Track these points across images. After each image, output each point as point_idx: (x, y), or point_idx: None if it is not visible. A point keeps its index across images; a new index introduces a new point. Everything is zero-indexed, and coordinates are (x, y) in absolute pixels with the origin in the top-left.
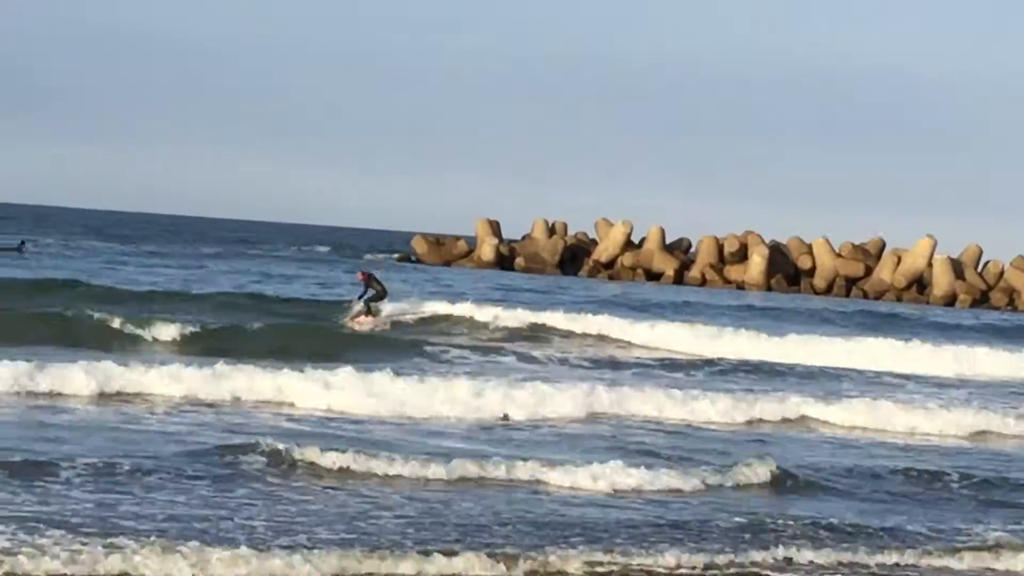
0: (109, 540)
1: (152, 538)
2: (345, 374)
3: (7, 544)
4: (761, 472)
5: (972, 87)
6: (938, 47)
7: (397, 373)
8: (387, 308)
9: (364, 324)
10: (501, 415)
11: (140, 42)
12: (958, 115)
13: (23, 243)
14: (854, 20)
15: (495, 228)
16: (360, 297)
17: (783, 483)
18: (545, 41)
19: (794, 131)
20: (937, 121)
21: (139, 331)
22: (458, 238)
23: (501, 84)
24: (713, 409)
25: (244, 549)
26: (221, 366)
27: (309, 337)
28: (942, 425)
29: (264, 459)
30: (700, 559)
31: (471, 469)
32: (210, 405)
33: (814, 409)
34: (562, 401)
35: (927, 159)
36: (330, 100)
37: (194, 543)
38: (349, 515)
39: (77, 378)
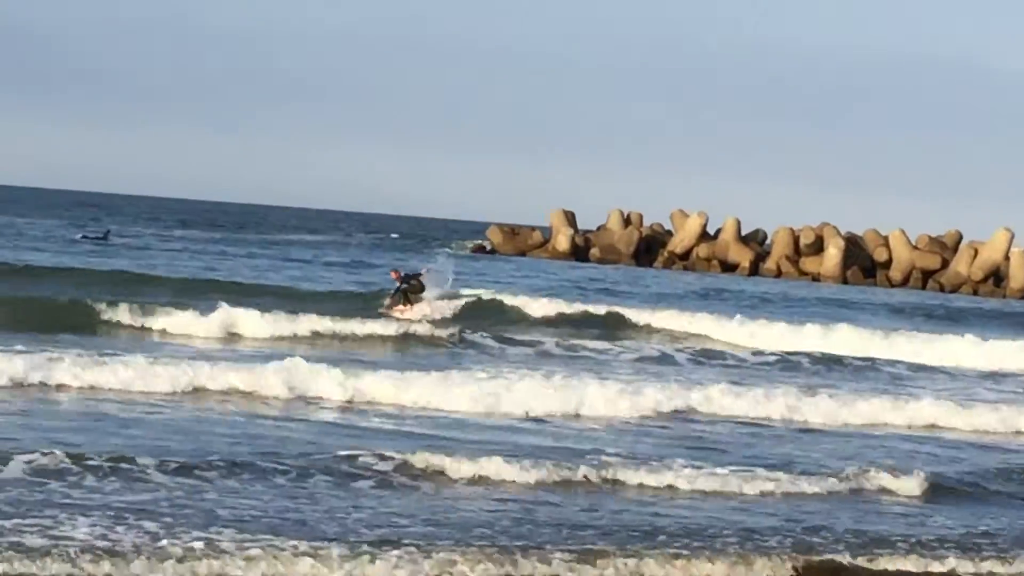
0: None
1: None
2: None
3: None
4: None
5: None
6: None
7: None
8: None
9: (407, 312)
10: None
11: (215, 30)
12: None
13: (108, 232)
14: (941, 10)
15: (570, 219)
16: (394, 292)
17: (936, 491)
18: (618, 29)
19: (872, 122)
20: (1018, 113)
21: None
22: (533, 228)
23: (578, 75)
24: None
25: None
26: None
27: None
28: None
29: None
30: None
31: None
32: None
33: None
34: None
35: (1006, 151)
36: (406, 88)
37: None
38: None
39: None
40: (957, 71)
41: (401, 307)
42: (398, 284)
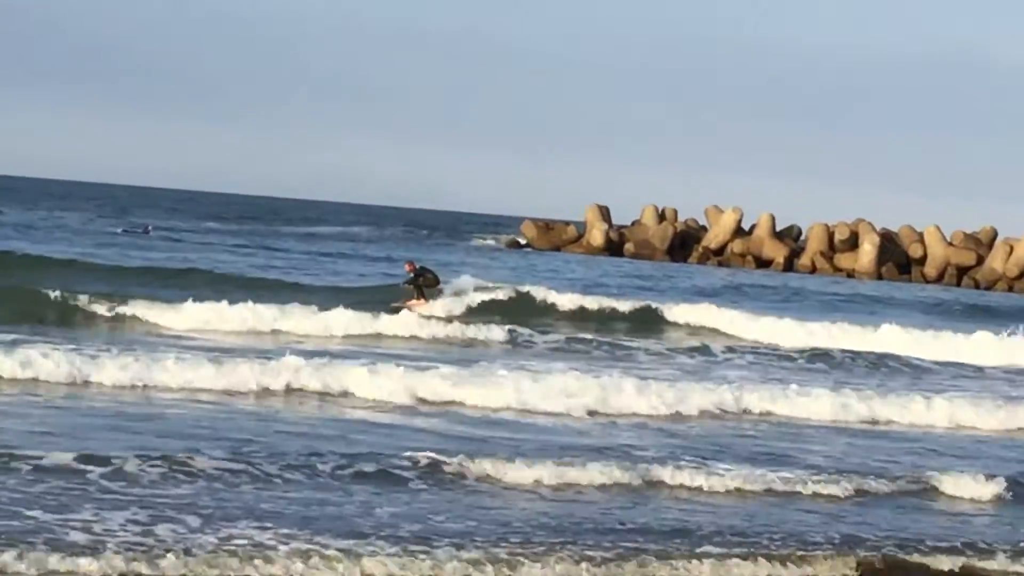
0: None
1: None
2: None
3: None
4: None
5: None
6: None
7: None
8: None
9: (421, 308)
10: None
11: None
12: None
13: (148, 227)
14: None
15: (605, 214)
16: (406, 282)
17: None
18: (650, 26)
19: (906, 118)
20: None
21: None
22: (567, 223)
23: (612, 73)
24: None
25: None
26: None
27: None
28: None
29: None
30: None
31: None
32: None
33: None
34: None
35: None
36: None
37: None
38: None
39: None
40: (992, 67)
41: (415, 301)
42: (412, 276)
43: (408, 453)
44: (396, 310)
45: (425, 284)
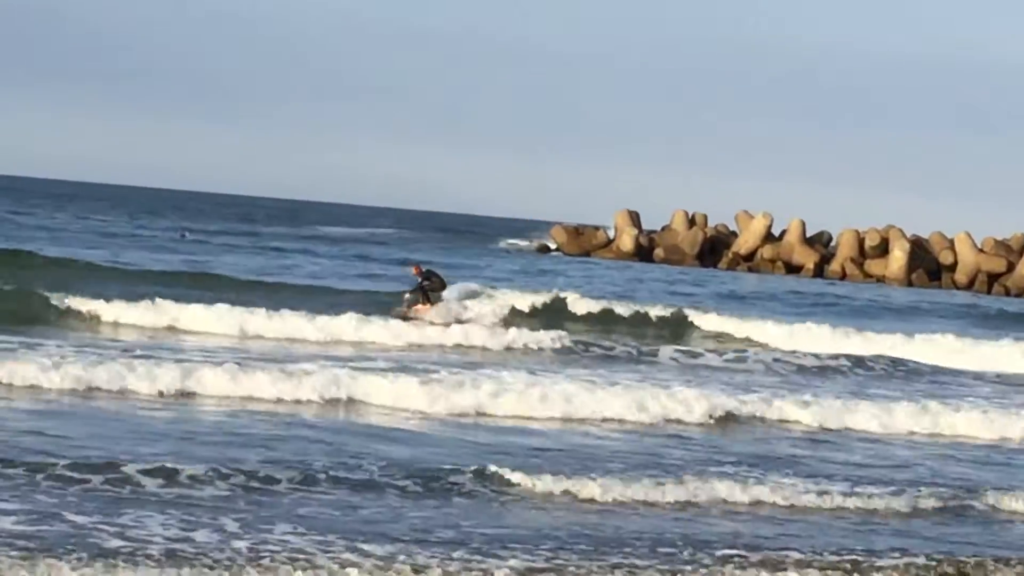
0: None
1: None
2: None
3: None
4: None
5: None
6: None
7: None
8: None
9: (427, 314)
10: None
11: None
12: None
13: (184, 231)
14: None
15: (635, 219)
16: (413, 289)
17: None
18: (682, 28)
19: (938, 122)
20: None
21: None
22: (597, 228)
23: (641, 76)
24: None
25: None
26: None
27: None
28: None
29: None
30: None
31: None
32: None
33: None
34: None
35: None
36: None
37: None
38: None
39: None
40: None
41: (420, 306)
42: (418, 280)
43: (474, 467)
44: (403, 316)
45: (431, 289)
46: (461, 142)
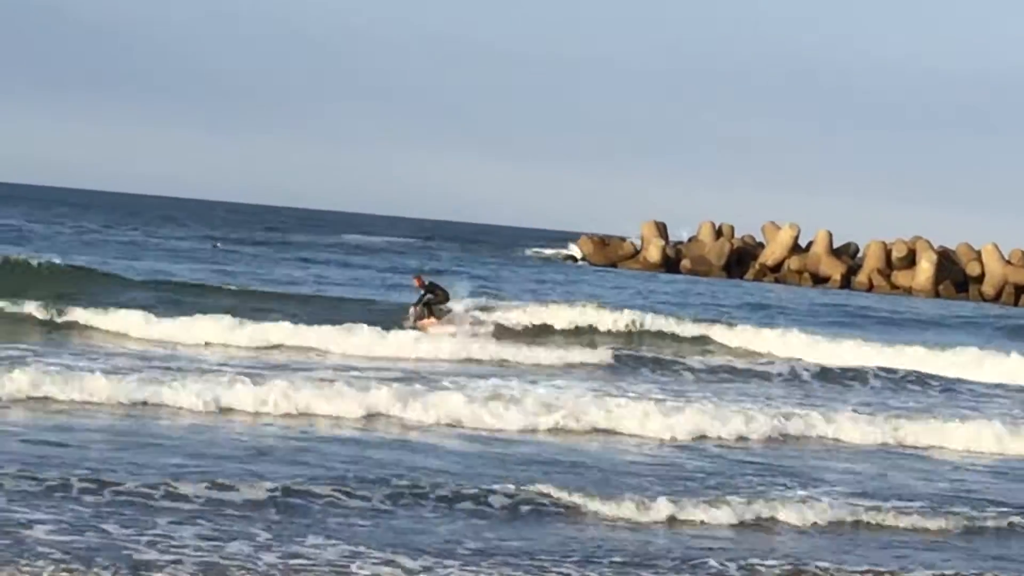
0: None
1: None
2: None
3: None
4: None
5: None
6: None
7: None
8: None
9: (433, 327)
10: None
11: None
12: None
13: (215, 242)
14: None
15: (661, 230)
16: (417, 302)
17: None
18: (711, 40)
19: (963, 133)
20: None
21: None
22: (623, 239)
23: (672, 85)
24: None
25: None
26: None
27: None
28: None
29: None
30: None
31: None
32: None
33: None
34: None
35: None
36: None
37: None
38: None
39: None
40: None
41: (426, 320)
42: (422, 292)
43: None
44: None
45: (435, 302)
46: (465, 147)
